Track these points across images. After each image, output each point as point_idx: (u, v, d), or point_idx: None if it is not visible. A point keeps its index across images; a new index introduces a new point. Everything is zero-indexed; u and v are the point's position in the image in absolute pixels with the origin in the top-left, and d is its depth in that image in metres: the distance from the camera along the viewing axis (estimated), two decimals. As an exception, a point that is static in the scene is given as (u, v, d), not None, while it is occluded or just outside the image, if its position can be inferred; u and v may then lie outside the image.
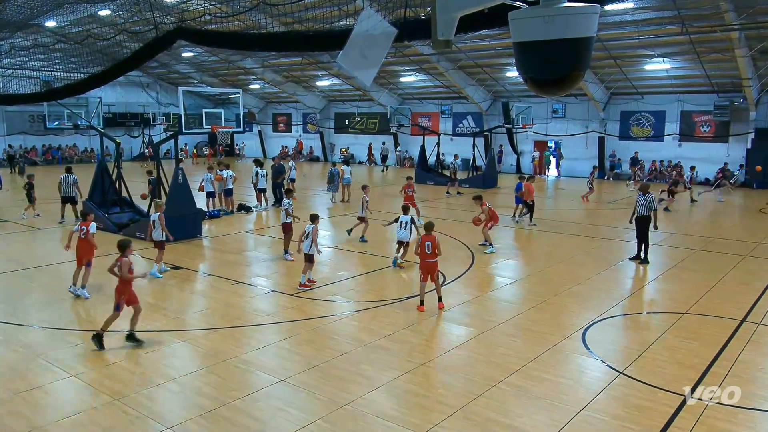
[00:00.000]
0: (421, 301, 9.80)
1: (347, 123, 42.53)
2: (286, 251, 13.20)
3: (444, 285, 10.85)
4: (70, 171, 18.03)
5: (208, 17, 15.33)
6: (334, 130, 43.68)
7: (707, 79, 27.42)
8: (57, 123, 27.95)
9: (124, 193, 17.54)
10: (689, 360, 7.78)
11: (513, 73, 30.20)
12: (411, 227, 12.55)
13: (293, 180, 23.07)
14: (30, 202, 18.30)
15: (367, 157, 40.96)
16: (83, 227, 10.39)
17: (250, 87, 43.31)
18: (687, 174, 27.14)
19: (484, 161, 28.72)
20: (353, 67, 5.16)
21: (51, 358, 7.70)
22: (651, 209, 13.09)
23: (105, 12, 21.32)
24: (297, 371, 7.36)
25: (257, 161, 21.53)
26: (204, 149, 45.02)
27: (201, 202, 18.13)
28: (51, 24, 21.56)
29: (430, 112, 38.72)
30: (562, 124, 33.18)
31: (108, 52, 17.51)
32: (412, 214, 13.25)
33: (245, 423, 6.14)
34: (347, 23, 11.65)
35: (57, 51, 21.97)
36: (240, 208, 20.11)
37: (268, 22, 16.64)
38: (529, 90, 4.20)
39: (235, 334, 8.75)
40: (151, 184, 17.11)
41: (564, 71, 3.68)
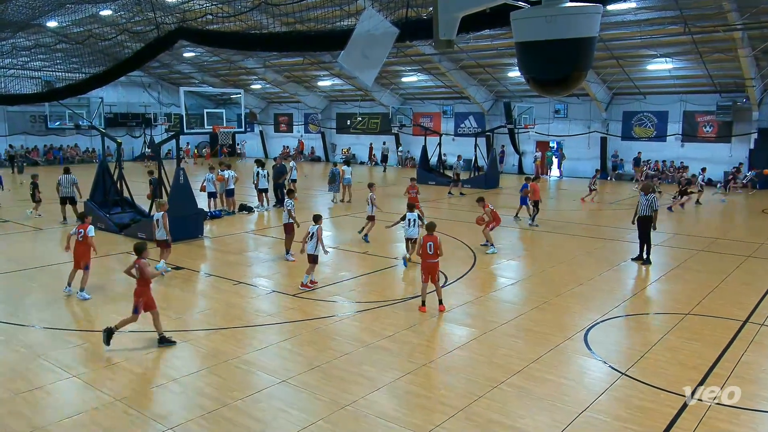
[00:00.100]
0: (423, 302, 9.78)
1: (349, 123, 42.53)
2: (287, 252, 13.20)
3: (446, 285, 10.84)
4: (68, 171, 18.05)
5: (209, 17, 15.33)
6: (335, 130, 43.66)
7: (710, 79, 27.36)
8: (58, 123, 27.91)
9: (125, 194, 17.54)
10: (692, 361, 7.75)
11: (515, 73, 30.17)
12: (418, 224, 12.69)
13: (294, 180, 23.06)
14: (35, 201, 18.36)
15: (369, 158, 40.97)
16: (80, 230, 10.30)
17: (251, 87, 43.30)
18: (698, 176, 26.83)
19: (486, 162, 28.70)
20: (355, 67, 5.16)
21: (52, 358, 7.70)
22: (653, 209, 13.08)
23: (107, 12, 21.34)
24: (298, 372, 7.35)
25: (258, 161, 21.51)
26: (204, 150, 45.04)
27: (202, 202, 18.15)
28: (52, 24, 21.59)
29: (431, 112, 38.68)
30: (564, 124, 33.12)
31: (109, 52, 17.53)
32: (417, 212, 13.31)
33: (246, 424, 6.13)
34: (349, 23, 11.63)
35: (58, 51, 22.01)
36: (241, 208, 20.11)
37: (269, 22, 16.62)
38: (531, 90, 4.19)
39: (237, 334, 8.75)
40: (152, 184, 17.13)
41: (566, 71, 3.68)
